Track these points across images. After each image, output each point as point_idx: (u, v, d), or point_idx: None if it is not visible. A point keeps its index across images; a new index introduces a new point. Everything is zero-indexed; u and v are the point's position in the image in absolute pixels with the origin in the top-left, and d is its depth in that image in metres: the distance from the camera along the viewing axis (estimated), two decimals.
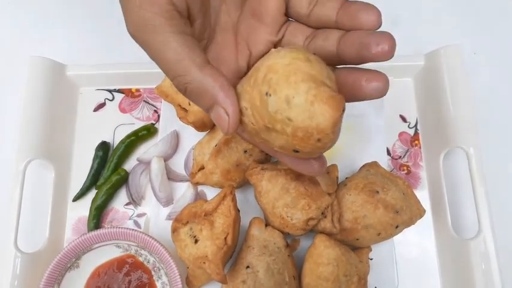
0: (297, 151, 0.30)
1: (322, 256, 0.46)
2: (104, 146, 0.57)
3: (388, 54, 0.30)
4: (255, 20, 0.35)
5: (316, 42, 0.33)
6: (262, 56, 0.33)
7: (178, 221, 0.49)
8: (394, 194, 0.49)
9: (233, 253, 0.50)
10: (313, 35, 0.34)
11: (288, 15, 0.35)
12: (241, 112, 0.31)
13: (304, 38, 0.34)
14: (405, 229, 0.50)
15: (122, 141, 0.57)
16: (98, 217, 0.54)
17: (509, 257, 0.51)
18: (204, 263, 0.46)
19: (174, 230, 0.49)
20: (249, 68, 0.35)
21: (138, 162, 0.57)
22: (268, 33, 0.34)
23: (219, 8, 0.35)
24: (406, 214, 0.49)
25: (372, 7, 0.31)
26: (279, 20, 0.35)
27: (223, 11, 0.35)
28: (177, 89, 0.31)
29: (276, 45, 0.35)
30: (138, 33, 0.30)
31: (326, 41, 0.32)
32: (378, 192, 0.49)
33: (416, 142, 0.58)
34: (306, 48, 0.34)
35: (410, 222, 0.50)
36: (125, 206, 0.56)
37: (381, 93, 0.30)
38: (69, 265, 0.50)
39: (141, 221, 0.55)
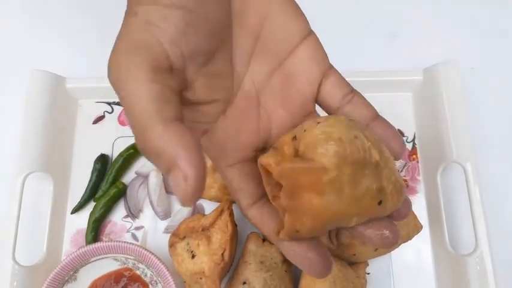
0: (380, 202, 0.27)
1: None
2: (102, 159, 0.57)
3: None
4: (282, 99, 0.33)
5: None
6: (281, 135, 0.31)
7: (176, 236, 0.49)
8: None
9: (230, 268, 0.50)
10: None
11: (316, 102, 0.34)
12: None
13: None
14: (402, 244, 0.50)
15: (120, 154, 0.57)
16: (96, 230, 0.55)
17: (507, 273, 0.51)
18: (201, 278, 0.46)
19: (172, 245, 0.49)
20: (266, 143, 0.34)
21: (136, 175, 0.57)
22: (293, 117, 0.33)
23: (244, 74, 0.33)
24: (403, 230, 0.49)
25: (400, 138, 0.32)
26: (308, 107, 0.33)
27: (247, 79, 0.33)
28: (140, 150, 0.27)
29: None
30: (117, 75, 0.26)
31: None
32: None
33: (414, 156, 0.58)
34: None
35: (407, 237, 0.50)
36: (123, 219, 0.56)
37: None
38: (66, 278, 0.51)
39: (139, 234, 0.55)
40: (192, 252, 0.47)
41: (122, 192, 0.56)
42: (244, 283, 0.46)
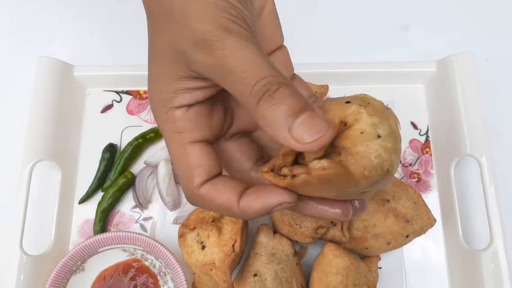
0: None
1: (331, 265, 0.45)
2: (111, 148, 0.56)
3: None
4: None
5: None
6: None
7: (185, 226, 0.49)
8: (404, 202, 0.48)
9: (240, 260, 0.49)
10: None
11: None
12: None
13: None
14: (415, 238, 0.49)
15: (129, 144, 0.56)
16: (104, 220, 0.54)
17: None
18: (211, 270, 0.45)
19: (181, 235, 0.48)
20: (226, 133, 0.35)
21: (145, 165, 0.56)
22: None
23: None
24: (417, 223, 0.48)
25: None
26: None
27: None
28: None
29: None
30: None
31: None
32: (388, 200, 0.48)
33: (427, 150, 0.57)
34: None
35: (420, 231, 0.49)
36: (132, 209, 0.55)
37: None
38: (74, 268, 0.50)
39: (148, 224, 0.55)
40: (202, 243, 0.46)
41: (130, 182, 0.55)
42: (255, 275, 0.45)
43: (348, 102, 0.25)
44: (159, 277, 0.51)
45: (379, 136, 0.24)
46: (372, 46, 0.63)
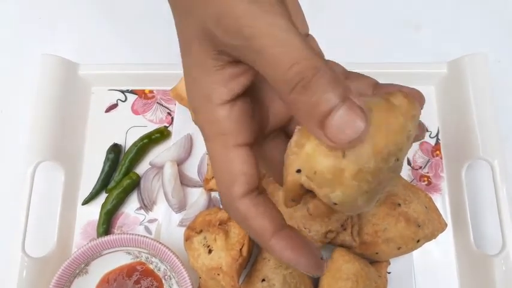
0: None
1: (341, 271, 0.44)
2: (115, 148, 0.55)
3: None
4: None
5: None
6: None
7: (192, 229, 0.48)
8: (416, 207, 0.47)
9: (247, 264, 0.48)
10: None
11: None
12: None
13: None
14: (426, 242, 0.48)
15: (134, 144, 0.55)
16: (107, 222, 0.53)
17: None
18: (218, 274, 0.44)
19: (187, 239, 0.47)
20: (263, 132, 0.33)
21: (150, 166, 0.55)
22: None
23: None
24: (428, 228, 0.47)
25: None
26: None
27: None
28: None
29: None
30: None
31: None
32: (399, 204, 0.47)
33: (438, 152, 0.56)
34: None
35: (431, 236, 0.48)
36: (136, 211, 0.54)
37: None
38: (77, 271, 0.49)
39: (152, 226, 0.54)
40: (208, 247, 0.45)
41: (135, 184, 0.54)
42: (264, 280, 0.44)
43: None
44: (163, 281, 0.50)
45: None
46: (382, 46, 0.62)
